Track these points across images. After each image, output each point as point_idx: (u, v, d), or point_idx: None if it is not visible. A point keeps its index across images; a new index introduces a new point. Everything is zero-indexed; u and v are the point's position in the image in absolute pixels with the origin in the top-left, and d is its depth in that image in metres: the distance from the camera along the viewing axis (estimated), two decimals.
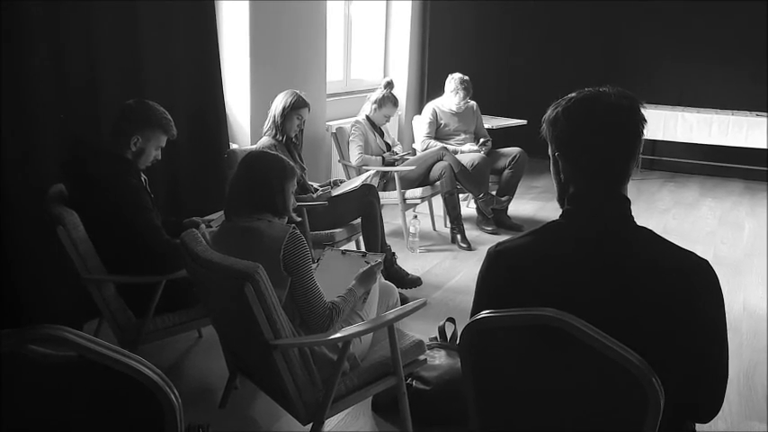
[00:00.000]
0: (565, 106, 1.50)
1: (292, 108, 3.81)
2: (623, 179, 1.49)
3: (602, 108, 1.46)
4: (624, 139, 1.47)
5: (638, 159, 1.52)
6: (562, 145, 1.52)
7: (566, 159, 1.53)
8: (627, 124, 1.46)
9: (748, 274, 4.52)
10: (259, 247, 2.22)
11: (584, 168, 1.50)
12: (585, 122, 1.47)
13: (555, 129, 1.52)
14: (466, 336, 1.48)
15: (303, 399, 2.17)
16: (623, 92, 1.49)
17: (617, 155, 1.48)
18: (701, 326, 1.41)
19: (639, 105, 1.49)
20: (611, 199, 1.48)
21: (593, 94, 1.49)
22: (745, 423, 2.79)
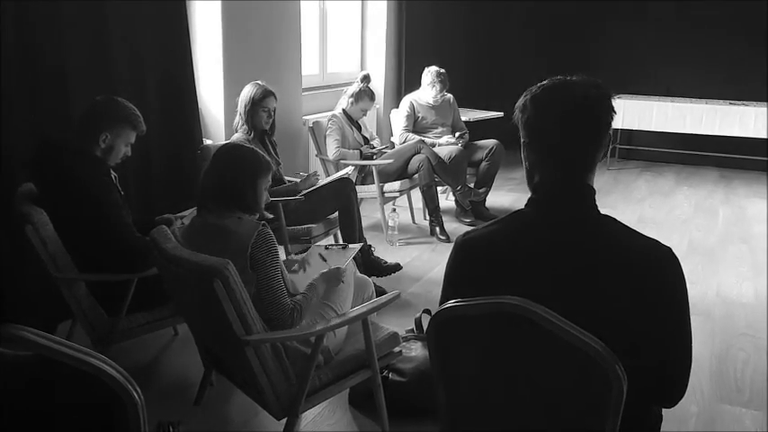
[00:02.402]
0: (533, 93, 1.51)
1: (255, 102, 3.78)
2: (588, 169, 1.50)
3: (568, 97, 1.46)
4: (589, 129, 1.47)
5: (606, 149, 1.51)
6: (528, 132, 1.52)
7: (531, 147, 1.53)
8: (592, 114, 1.46)
9: (722, 261, 4.58)
10: (227, 245, 2.20)
11: (549, 157, 1.50)
12: (551, 111, 1.47)
13: (523, 116, 1.52)
14: (433, 326, 1.48)
15: (277, 394, 2.17)
16: (593, 82, 1.49)
17: (581, 144, 1.47)
18: (663, 312, 1.42)
19: (609, 96, 1.48)
20: (574, 188, 1.48)
21: (562, 82, 1.49)
22: (716, 405, 2.83)
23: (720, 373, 3.10)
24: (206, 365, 2.65)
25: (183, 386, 2.87)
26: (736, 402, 2.86)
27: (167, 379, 2.99)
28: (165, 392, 2.86)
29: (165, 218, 2.97)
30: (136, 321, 2.75)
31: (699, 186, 6.72)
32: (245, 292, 2.06)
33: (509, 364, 1.44)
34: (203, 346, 2.58)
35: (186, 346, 3.12)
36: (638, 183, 6.76)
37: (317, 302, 2.42)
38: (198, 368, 2.78)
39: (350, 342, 2.46)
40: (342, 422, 2.66)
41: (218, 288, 1.97)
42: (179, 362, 3.11)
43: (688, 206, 5.98)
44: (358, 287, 2.64)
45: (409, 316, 3.30)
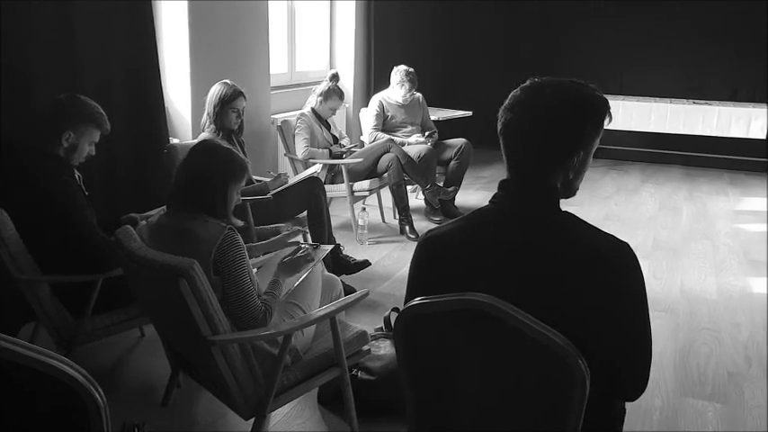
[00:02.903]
0: (513, 92, 1.50)
1: (225, 102, 3.72)
2: (555, 170, 1.48)
3: (540, 99, 1.46)
4: (559, 131, 1.45)
5: (582, 151, 1.47)
6: (501, 129, 1.51)
7: (503, 144, 1.53)
8: (563, 118, 1.45)
9: (686, 257, 4.67)
10: (192, 248, 2.15)
11: (514, 155, 1.51)
12: (521, 111, 1.46)
13: (501, 113, 1.51)
14: (399, 324, 1.49)
15: (244, 394, 2.16)
16: (574, 86, 1.48)
17: (549, 146, 1.46)
18: (623, 308, 1.44)
19: (589, 102, 1.47)
20: (536, 187, 1.49)
21: (540, 83, 1.49)
22: (679, 399, 2.89)
23: (684, 368, 3.16)
24: (173, 366, 2.63)
25: (150, 387, 2.84)
26: (698, 395, 2.92)
27: (134, 380, 2.96)
28: (131, 394, 2.83)
29: (130, 217, 2.94)
30: (101, 323, 2.71)
31: (663, 184, 6.84)
32: (212, 293, 2.05)
33: (474, 360, 1.45)
34: (170, 346, 2.55)
35: (153, 348, 3.09)
36: (605, 180, 6.86)
37: (284, 302, 2.41)
38: (165, 369, 2.76)
39: (318, 341, 2.46)
40: (311, 421, 2.66)
41: (183, 288, 1.96)
42: (146, 363, 3.07)
43: (653, 204, 6.08)
44: (326, 286, 2.63)
45: (379, 314, 3.31)
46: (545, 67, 1.66)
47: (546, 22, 7.71)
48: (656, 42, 7.36)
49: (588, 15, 7.55)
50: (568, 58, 7.50)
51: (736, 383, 3.03)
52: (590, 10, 7.50)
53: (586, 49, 7.56)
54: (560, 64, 7.12)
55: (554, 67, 6.09)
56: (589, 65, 7.35)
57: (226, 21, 4.56)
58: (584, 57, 7.51)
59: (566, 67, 6.70)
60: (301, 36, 6.02)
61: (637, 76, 7.51)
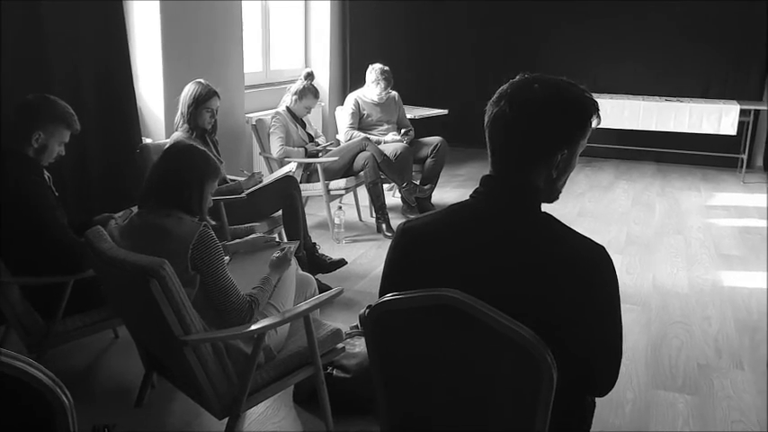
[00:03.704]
0: (502, 86, 1.50)
1: (199, 101, 3.70)
2: (538, 167, 1.48)
3: (527, 93, 1.45)
4: (543, 127, 1.45)
5: (563, 153, 1.46)
6: (487, 123, 1.51)
7: (487, 137, 1.52)
8: (548, 113, 1.45)
9: (658, 252, 4.74)
10: (166, 246, 2.17)
11: (498, 148, 1.51)
12: (507, 104, 1.46)
13: (488, 106, 1.51)
14: (369, 320, 1.50)
15: (218, 393, 2.15)
16: (563, 84, 1.47)
17: (532, 141, 1.46)
18: (595, 307, 1.45)
19: (576, 101, 1.46)
20: (518, 185, 1.49)
21: (530, 79, 1.48)
22: (651, 391, 2.93)
23: (655, 361, 3.21)
24: (146, 367, 2.61)
25: (124, 389, 2.82)
26: (669, 388, 2.97)
27: (107, 382, 2.93)
28: (105, 396, 2.80)
29: (102, 218, 2.91)
30: (73, 325, 2.69)
31: (636, 180, 6.92)
32: (183, 293, 2.04)
33: (445, 355, 1.46)
34: (143, 347, 2.54)
35: (127, 349, 3.07)
36: (579, 177, 6.92)
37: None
38: (139, 370, 2.74)
39: (292, 340, 2.46)
40: (286, 420, 2.66)
41: (154, 288, 1.95)
42: (120, 364, 3.05)
43: (626, 200, 6.16)
44: (300, 285, 2.63)
45: (355, 313, 3.32)
46: (520, 65, 1.66)
47: (521, 22, 7.77)
48: (629, 40, 7.45)
49: (562, 15, 7.61)
50: (543, 56, 7.56)
51: (706, 375, 3.08)
52: (564, 10, 7.57)
53: (561, 48, 7.63)
54: (535, 62, 7.17)
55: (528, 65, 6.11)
56: (563, 63, 7.39)
57: (199, 20, 4.54)
58: (558, 55, 7.57)
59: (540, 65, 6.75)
60: (276, 35, 6.01)
61: (610, 74, 7.59)
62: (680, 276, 4.29)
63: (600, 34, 7.54)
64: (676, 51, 7.34)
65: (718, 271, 4.40)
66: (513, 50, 7.67)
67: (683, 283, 4.18)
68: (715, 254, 4.73)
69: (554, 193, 1.56)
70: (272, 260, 2.49)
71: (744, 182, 6.91)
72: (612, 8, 7.40)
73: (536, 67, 1.70)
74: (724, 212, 5.82)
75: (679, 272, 4.37)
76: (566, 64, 7.38)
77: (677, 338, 3.44)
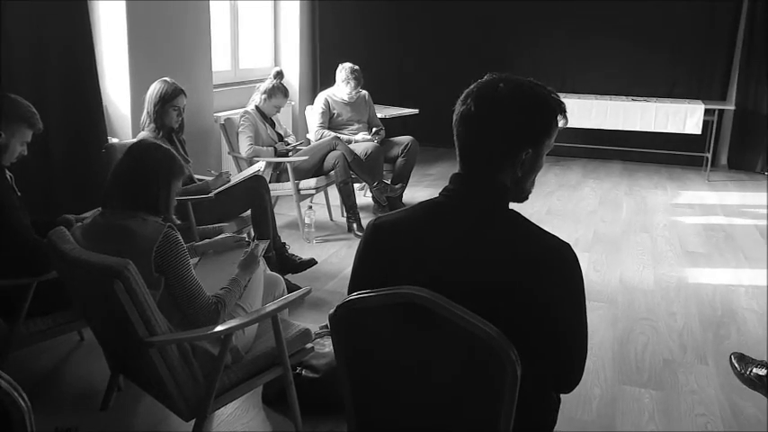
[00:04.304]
0: (469, 87, 1.51)
1: (166, 100, 3.65)
2: (503, 165, 1.50)
3: (493, 92, 1.47)
4: (506, 125, 1.47)
5: (527, 152, 1.48)
6: (455, 121, 1.52)
7: (455, 135, 1.54)
8: (512, 112, 1.46)
9: (625, 250, 4.80)
10: (130, 246, 2.14)
11: (464, 146, 1.52)
12: (473, 103, 1.48)
13: (457, 105, 1.52)
14: (335, 319, 1.50)
15: (184, 395, 2.13)
16: (528, 85, 1.48)
17: (497, 139, 1.48)
18: (561, 304, 1.47)
19: (540, 100, 1.48)
20: (486, 183, 1.50)
21: (496, 78, 1.49)
22: (617, 387, 2.97)
23: (622, 356, 3.25)
24: (112, 369, 2.58)
25: (90, 392, 2.77)
26: (635, 383, 3.01)
27: (73, 385, 2.88)
28: (70, 399, 2.76)
29: (65, 219, 2.86)
30: (36, 327, 2.64)
31: (604, 179, 7.01)
32: (148, 293, 2.02)
33: (411, 353, 1.47)
34: (108, 349, 2.50)
35: (93, 351, 3.02)
36: (548, 177, 6.99)
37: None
38: (105, 373, 2.70)
39: (261, 341, 2.45)
40: (255, 421, 2.64)
41: (118, 289, 1.92)
42: (85, 367, 3.00)
43: (594, 198, 6.23)
44: (268, 285, 2.62)
45: (326, 313, 3.25)
46: (490, 66, 1.67)
47: (490, 23, 7.81)
48: (596, 42, 7.54)
49: (532, 16, 7.68)
50: (513, 57, 7.63)
51: (671, 370, 3.13)
52: (534, 11, 7.64)
53: (530, 49, 7.70)
54: (505, 63, 7.23)
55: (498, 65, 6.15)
56: (533, 64, 7.48)
57: (165, 19, 4.49)
58: (528, 56, 7.64)
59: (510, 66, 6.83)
60: (245, 34, 5.97)
61: (578, 75, 7.68)
62: (646, 273, 4.36)
63: (568, 36, 7.62)
64: (642, 52, 7.45)
65: (684, 268, 4.47)
66: (483, 51, 7.72)
67: (650, 280, 4.24)
68: (680, 251, 4.81)
69: (522, 192, 1.58)
70: (240, 261, 2.47)
71: (709, 180, 7.03)
72: (580, 10, 7.48)
73: (506, 67, 1.72)
74: (689, 210, 5.92)
75: (645, 269, 4.44)
76: (535, 64, 7.48)
77: (643, 334, 3.49)
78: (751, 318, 3.72)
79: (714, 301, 3.94)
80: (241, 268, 2.45)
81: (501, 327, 1.33)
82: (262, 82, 4.92)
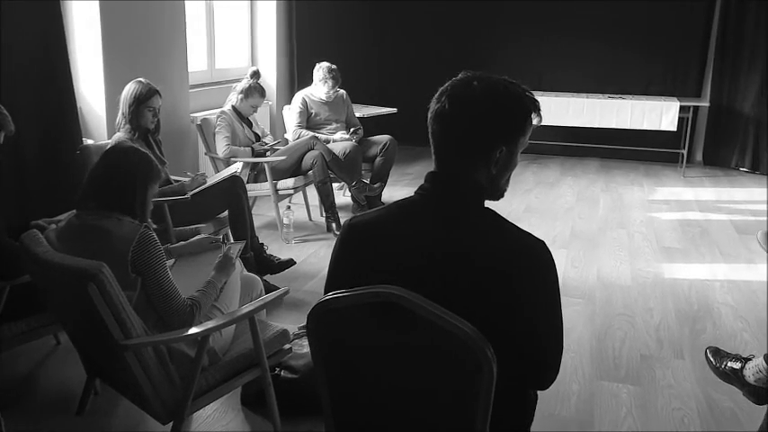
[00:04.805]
0: (443, 86, 1.51)
1: (140, 101, 3.61)
2: (477, 164, 1.50)
3: (467, 90, 1.47)
4: (480, 123, 1.47)
5: (501, 150, 1.48)
6: (429, 119, 1.53)
7: (430, 133, 1.54)
8: (486, 110, 1.47)
9: (602, 246, 4.84)
10: (106, 247, 2.13)
11: (439, 144, 1.52)
12: (447, 101, 1.48)
13: (431, 103, 1.52)
14: (311, 319, 1.49)
15: (161, 398, 2.12)
16: (503, 83, 1.48)
17: (470, 137, 1.49)
18: (536, 302, 1.48)
19: (514, 99, 1.48)
20: (462, 181, 1.51)
21: (471, 77, 1.50)
22: (595, 383, 3.00)
23: (600, 352, 3.28)
24: (88, 373, 2.55)
25: (66, 396, 2.74)
26: (613, 378, 3.04)
27: (49, 390, 2.85)
28: (46, 404, 2.72)
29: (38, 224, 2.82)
30: (11, 331, 2.61)
31: (581, 176, 7.07)
32: (123, 296, 2.00)
33: (388, 352, 1.46)
34: (84, 353, 2.47)
35: (69, 355, 2.98)
36: (526, 174, 7.03)
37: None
38: (81, 377, 2.67)
39: (238, 342, 2.43)
40: (234, 422, 2.63)
41: (92, 292, 1.90)
42: (61, 371, 2.97)
43: (571, 195, 6.28)
44: (245, 286, 2.60)
45: (305, 313, 3.21)
46: (468, 65, 1.67)
47: (469, 22, 7.84)
48: (573, 40, 7.59)
49: (509, 16, 7.72)
50: (490, 55, 7.65)
51: (648, 365, 3.16)
52: (511, 11, 7.68)
53: (507, 48, 7.74)
54: (482, 62, 7.25)
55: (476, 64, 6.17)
56: (510, 62, 7.52)
57: (140, 19, 4.45)
58: (505, 55, 7.67)
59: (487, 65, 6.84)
60: (221, 34, 5.93)
61: (554, 73, 7.73)
62: (623, 269, 4.40)
63: (545, 34, 7.67)
64: (618, 50, 7.51)
65: (660, 263, 4.52)
66: (461, 50, 7.74)
67: (627, 276, 4.28)
68: (657, 247, 4.86)
69: (497, 190, 1.58)
70: (216, 263, 2.46)
71: (684, 176, 7.12)
72: (558, 9, 7.53)
73: (484, 66, 1.73)
74: (665, 206, 5.98)
75: (622, 265, 4.48)
76: (513, 63, 7.52)
77: (620, 330, 3.52)
78: (726, 312, 3.77)
79: (690, 296, 3.99)
80: (217, 270, 2.44)
81: (477, 325, 1.34)
82: (238, 82, 4.89)
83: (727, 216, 5.66)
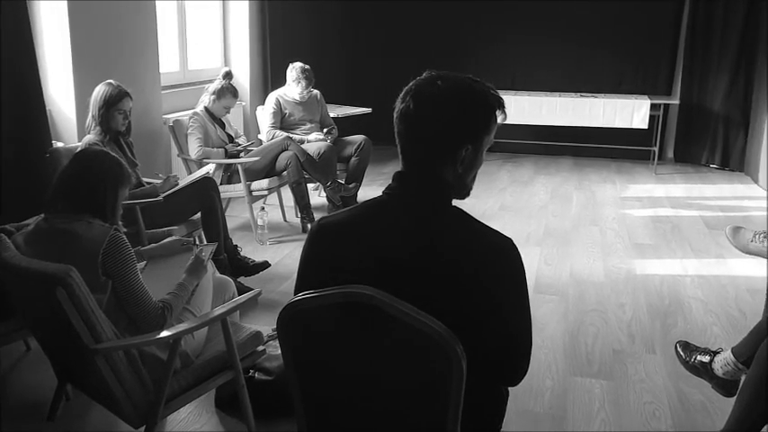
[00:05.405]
0: (408, 86, 1.52)
1: (110, 103, 3.58)
2: (445, 163, 1.51)
3: (431, 89, 1.48)
4: (445, 122, 1.48)
5: (467, 149, 1.49)
6: (395, 119, 1.53)
7: (396, 133, 1.54)
8: (450, 109, 1.47)
9: (575, 243, 4.89)
10: (75, 250, 2.11)
11: (405, 144, 1.53)
12: (413, 100, 1.48)
13: (396, 103, 1.52)
14: (281, 321, 1.49)
15: (133, 402, 2.10)
16: (467, 81, 1.49)
17: (436, 137, 1.49)
18: (503, 297, 1.49)
19: (478, 97, 1.49)
20: (429, 180, 1.51)
21: (435, 76, 1.50)
22: (569, 378, 3.03)
23: (573, 348, 3.31)
24: (60, 378, 2.52)
25: (37, 402, 2.71)
26: (586, 374, 3.07)
27: (19, 396, 2.81)
28: (16, 410, 2.69)
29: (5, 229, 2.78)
30: None
31: (555, 174, 7.13)
32: (93, 300, 1.98)
33: (358, 351, 1.47)
34: (54, 358, 2.44)
35: (40, 361, 2.94)
36: (501, 173, 7.08)
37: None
38: (52, 382, 2.64)
39: (211, 344, 2.42)
40: (209, 425, 2.61)
41: (61, 296, 1.88)
42: (32, 377, 2.93)
43: (545, 194, 6.33)
44: (218, 289, 2.59)
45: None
46: (441, 64, 1.68)
47: (441, 22, 7.86)
48: (545, 40, 7.65)
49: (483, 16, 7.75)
50: (463, 56, 7.68)
51: (620, 360, 3.20)
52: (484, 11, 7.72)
53: (481, 48, 7.77)
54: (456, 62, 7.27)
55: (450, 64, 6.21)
56: (484, 62, 7.57)
57: (110, 20, 4.40)
58: (478, 55, 7.71)
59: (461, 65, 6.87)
60: (193, 34, 5.88)
61: (528, 72, 7.79)
62: (596, 266, 4.45)
63: (517, 34, 7.72)
64: (590, 50, 7.59)
65: (632, 259, 4.58)
66: (435, 50, 7.75)
67: (599, 273, 4.33)
68: (629, 243, 4.92)
69: (463, 188, 1.59)
70: (187, 265, 2.45)
71: (656, 173, 7.21)
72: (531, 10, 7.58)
73: (456, 66, 1.74)
74: (637, 203, 6.06)
75: (595, 261, 4.53)
76: (486, 63, 7.57)
77: (593, 326, 3.56)
78: (696, 306, 3.83)
79: (661, 291, 4.04)
80: (188, 273, 2.42)
81: (447, 323, 1.35)
82: (211, 83, 4.86)
83: (698, 212, 5.74)
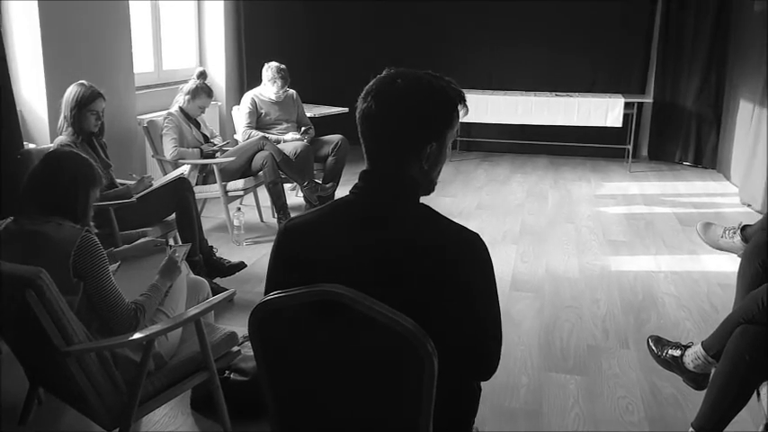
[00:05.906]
0: (368, 85, 1.52)
1: (82, 104, 3.54)
2: (410, 160, 1.51)
3: (391, 88, 1.48)
4: (409, 121, 1.48)
5: (431, 145, 1.50)
6: (357, 119, 1.53)
7: (359, 133, 1.55)
8: (412, 107, 1.48)
9: (551, 241, 4.94)
10: (46, 252, 2.09)
11: (369, 144, 1.53)
12: (374, 100, 1.49)
13: (358, 103, 1.53)
14: (252, 321, 1.49)
15: (106, 405, 2.08)
16: (426, 78, 1.50)
17: (400, 135, 1.50)
18: (473, 293, 1.50)
19: (440, 93, 1.49)
20: (395, 178, 1.52)
21: (394, 74, 1.51)
22: (544, 374, 3.05)
23: (548, 344, 3.34)
24: (31, 382, 2.49)
25: (8, 406, 2.66)
26: (561, 370, 3.10)
27: None
28: None
29: None
30: None
31: (531, 173, 7.18)
32: (63, 302, 1.96)
33: (330, 350, 1.47)
34: (25, 361, 2.41)
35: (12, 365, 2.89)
36: (477, 172, 7.11)
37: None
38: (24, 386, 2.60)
39: (185, 345, 2.40)
40: (184, 426, 2.60)
41: (31, 299, 1.86)
42: (3, 381, 2.88)
43: (521, 192, 6.37)
44: (192, 289, 2.58)
45: None
46: (417, 64, 1.68)
47: (417, 22, 7.88)
48: (520, 40, 7.71)
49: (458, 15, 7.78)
50: (440, 55, 7.69)
51: (595, 356, 3.24)
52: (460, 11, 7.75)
53: (457, 48, 7.80)
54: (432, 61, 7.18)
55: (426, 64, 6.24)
56: (460, 62, 7.58)
57: (82, 20, 4.36)
58: (455, 55, 7.73)
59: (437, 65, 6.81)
60: (168, 34, 5.84)
61: (503, 71, 7.83)
62: (571, 263, 4.49)
63: (493, 33, 7.77)
64: (564, 49, 7.64)
65: (607, 256, 4.63)
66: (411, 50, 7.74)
67: (574, 269, 4.37)
68: (603, 240, 4.97)
69: (430, 184, 1.60)
70: (161, 266, 2.44)
71: (630, 171, 7.29)
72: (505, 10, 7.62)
73: (433, 65, 1.74)
74: (612, 201, 6.13)
75: (570, 258, 4.57)
76: (461, 63, 7.60)
77: (568, 322, 3.60)
78: (669, 301, 3.88)
79: (635, 287, 4.09)
80: (161, 274, 2.41)
81: (417, 319, 1.35)
82: (186, 83, 4.83)
83: (671, 209, 5.82)
